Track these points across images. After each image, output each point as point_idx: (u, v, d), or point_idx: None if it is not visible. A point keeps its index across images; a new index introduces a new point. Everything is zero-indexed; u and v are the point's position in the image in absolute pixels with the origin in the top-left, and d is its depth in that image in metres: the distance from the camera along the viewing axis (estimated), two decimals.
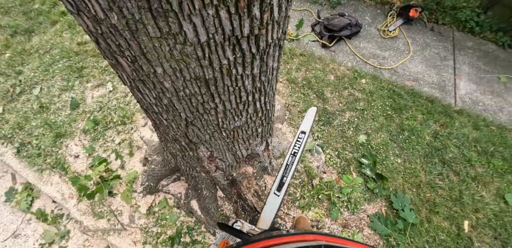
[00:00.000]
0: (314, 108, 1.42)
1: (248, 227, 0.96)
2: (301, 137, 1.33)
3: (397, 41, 3.20)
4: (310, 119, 1.39)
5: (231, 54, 0.58)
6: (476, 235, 1.89)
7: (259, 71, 0.70)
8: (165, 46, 0.53)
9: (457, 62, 3.12)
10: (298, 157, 1.29)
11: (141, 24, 0.48)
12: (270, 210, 1.21)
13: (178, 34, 0.50)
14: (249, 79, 0.70)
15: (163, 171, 1.55)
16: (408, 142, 2.24)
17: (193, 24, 0.47)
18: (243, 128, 0.98)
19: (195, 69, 0.61)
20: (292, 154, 1.30)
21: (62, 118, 2.16)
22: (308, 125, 1.36)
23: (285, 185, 1.25)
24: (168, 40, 0.52)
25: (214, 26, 0.49)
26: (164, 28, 0.48)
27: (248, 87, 0.74)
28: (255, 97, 0.82)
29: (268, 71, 0.73)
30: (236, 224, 0.92)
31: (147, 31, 0.49)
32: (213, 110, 0.80)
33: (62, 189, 1.85)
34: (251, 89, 0.76)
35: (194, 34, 0.50)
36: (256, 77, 0.71)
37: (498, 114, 2.75)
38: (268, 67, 0.71)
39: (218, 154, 1.15)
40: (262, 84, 0.76)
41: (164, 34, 0.50)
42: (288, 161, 1.29)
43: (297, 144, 1.31)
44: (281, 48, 0.70)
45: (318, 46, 2.97)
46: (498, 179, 2.20)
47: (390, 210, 1.82)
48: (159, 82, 0.65)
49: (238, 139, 1.05)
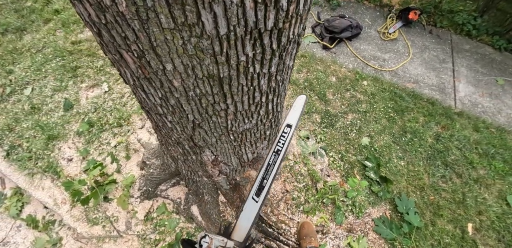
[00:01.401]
0: (303, 96, 1.17)
1: (218, 242, 0.86)
2: (286, 132, 1.09)
3: (396, 43, 3.21)
4: (298, 110, 1.14)
5: (251, 49, 0.53)
6: (480, 237, 1.87)
7: (276, 70, 0.65)
8: (178, 39, 0.48)
9: (455, 64, 3.15)
10: (281, 156, 1.07)
11: (153, 13, 0.42)
12: (247, 219, 1.04)
13: (195, 25, 0.44)
14: (265, 78, 0.65)
15: (162, 175, 1.48)
16: (410, 145, 2.22)
17: (213, 14, 0.42)
18: (252, 130, 0.93)
19: (209, 66, 0.56)
20: (275, 152, 1.08)
21: (55, 120, 2.06)
22: (295, 117, 1.12)
23: (265, 189, 1.06)
24: (182, 32, 0.46)
25: (237, 17, 0.44)
26: (180, 17, 0.43)
27: (263, 87, 0.69)
28: (269, 98, 0.77)
29: (284, 70, 0.69)
30: (204, 240, 0.82)
31: (159, 21, 0.44)
32: (223, 112, 0.75)
33: (55, 194, 1.75)
34: (266, 89, 0.71)
35: (213, 25, 0.45)
36: (273, 76, 0.66)
37: (497, 116, 2.76)
38: (285, 65, 0.66)
39: (223, 158, 1.10)
40: (277, 84, 0.72)
41: (178, 25, 0.45)
42: (270, 161, 1.08)
43: (281, 140, 1.09)
44: (299, 45, 0.66)
45: (319, 48, 2.95)
46: (500, 181, 2.20)
47: (394, 214, 1.78)
48: (167, 81, 0.60)
49: (246, 142, 1.00)
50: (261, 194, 1.05)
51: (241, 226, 1.05)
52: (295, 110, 1.14)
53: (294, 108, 1.15)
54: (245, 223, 1.04)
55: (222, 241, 0.88)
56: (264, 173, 1.09)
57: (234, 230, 1.05)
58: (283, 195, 1.60)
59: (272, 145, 1.12)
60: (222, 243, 0.88)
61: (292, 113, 1.14)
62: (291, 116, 1.13)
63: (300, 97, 1.18)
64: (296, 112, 1.14)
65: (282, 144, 1.09)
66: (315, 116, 2.16)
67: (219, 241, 0.87)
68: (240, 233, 1.04)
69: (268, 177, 1.08)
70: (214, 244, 0.83)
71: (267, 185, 1.06)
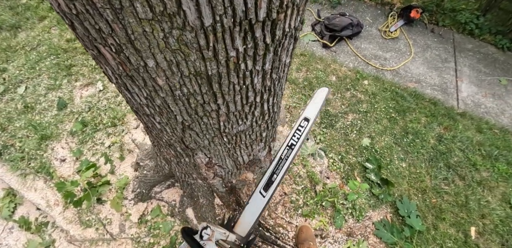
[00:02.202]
0: (325, 89, 1.10)
1: (219, 235, 0.83)
2: (303, 126, 1.04)
3: (398, 42, 3.15)
4: (319, 103, 1.07)
5: (241, 43, 0.47)
6: (483, 242, 1.82)
7: (271, 67, 0.60)
8: (158, 31, 0.43)
9: (458, 64, 3.09)
10: (295, 151, 1.01)
11: (127, 1, 0.37)
12: (252, 213, 0.99)
13: (176, 14, 0.39)
14: (259, 76, 0.60)
15: (156, 177, 1.43)
16: (412, 146, 2.16)
17: (195, 1, 0.37)
18: (247, 132, 0.88)
19: (195, 62, 0.50)
20: (289, 146, 1.03)
21: (48, 119, 2.01)
22: (314, 110, 1.05)
23: (274, 184, 1.00)
24: (162, 24, 0.41)
25: (223, 5, 0.38)
26: (158, 6, 0.38)
27: (257, 86, 0.63)
28: (264, 98, 0.71)
29: (280, 68, 0.64)
30: (205, 231, 0.79)
31: (135, 11, 0.39)
32: (215, 113, 0.70)
33: (47, 196, 1.71)
34: (260, 89, 0.66)
35: (196, 15, 0.39)
36: (267, 74, 0.61)
37: (500, 117, 2.71)
38: (281, 62, 0.61)
39: (217, 161, 1.05)
40: (272, 82, 0.66)
41: (157, 14, 0.39)
42: (282, 155, 1.03)
43: (296, 134, 1.03)
44: (296, 40, 0.60)
45: (319, 46, 2.89)
46: (503, 184, 2.15)
47: (396, 217, 1.73)
48: (150, 79, 0.55)
49: (241, 144, 0.95)
50: (269, 189, 1.01)
51: (244, 220, 1.00)
52: (315, 103, 1.08)
53: (314, 100, 1.10)
54: (249, 217, 1.00)
55: (224, 234, 0.84)
56: (275, 167, 1.03)
57: (237, 223, 1.01)
58: (281, 198, 1.55)
59: (285, 140, 1.06)
60: (223, 236, 0.84)
61: (311, 106, 1.08)
62: (310, 110, 1.07)
63: (322, 89, 1.12)
64: (316, 105, 1.07)
65: (297, 139, 1.03)
66: None
67: (221, 234, 0.83)
68: (243, 227, 0.99)
69: (278, 172, 1.02)
70: (215, 237, 0.79)
71: (276, 180, 1.01)
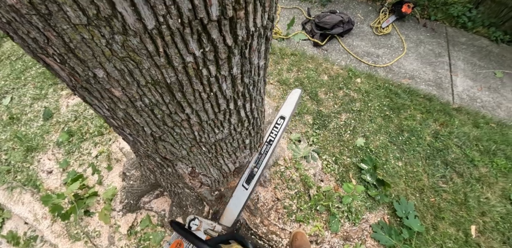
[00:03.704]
0: (298, 90, 1.26)
1: (207, 225, 0.88)
2: (280, 123, 1.18)
3: (390, 38, 3.11)
4: (293, 102, 1.23)
5: (197, 47, 0.42)
6: (484, 240, 1.77)
7: (240, 71, 0.55)
8: (99, 37, 0.38)
9: (452, 58, 3.05)
10: (273, 146, 1.14)
11: (53, 4, 0.32)
12: (236, 205, 1.08)
13: (113, 17, 0.34)
14: (228, 82, 0.55)
15: (143, 187, 1.38)
16: (408, 144, 2.12)
17: (130, 1, 0.32)
18: (226, 141, 0.83)
19: (150, 70, 0.46)
20: (267, 142, 1.15)
21: (34, 130, 1.96)
22: (289, 109, 1.20)
23: (255, 177, 1.11)
24: (101, 29, 0.36)
25: (164, 4, 0.34)
26: (90, 9, 0.33)
27: (227, 92, 0.58)
28: (238, 104, 0.66)
29: (253, 71, 0.59)
30: (193, 222, 0.84)
31: (67, 16, 0.34)
32: (186, 122, 0.65)
33: (35, 209, 1.65)
34: (232, 95, 0.61)
35: (135, 17, 0.35)
36: (237, 79, 0.56)
37: (496, 110, 2.67)
38: (252, 65, 0.56)
39: (200, 170, 1.00)
40: (245, 87, 0.61)
41: (92, 19, 0.35)
42: (261, 150, 1.14)
43: (274, 130, 1.17)
44: (268, 40, 0.55)
45: (310, 45, 2.85)
46: (503, 179, 2.10)
47: (393, 218, 1.69)
48: (105, 90, 0.50)
49: (223, 153, 0.90)
50: (251, 182, 1.10)
51: (229, 212, 1.09)
52: (289, 103, 1.22)
53: (288, 100, 1.24)
54: (234, 209, 1.08)
55: (211, 224, 0.90)
56: (255, 162, 1.14)
57: (223, 215, 1.09)
58: (274, 204, 1.50)
59: (264, 136, 1.16)
60: (211, 226, 0.89)
61: (286, 106, 1.22)
62: (285, 109, 1.21)
63: (295, 91, 1.26)
64: (290, 105, 1.22)
65: (275, 135, 1.16)
66: (307, 117, 2.06)
67: (208, 224, 0.88)
68: (228, 219, 1.08)
69: (259, 166, 1.12)
70: (203, 227, 0.84)
71: (257, 174, 1.11)
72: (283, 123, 1.18)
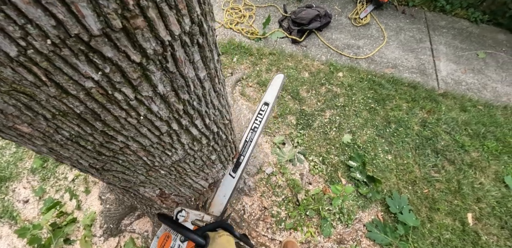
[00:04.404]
0: (280, 75, 1.28)
1: (194, 216, 0.87)
2: (264, 110, 1.20)
3: (370, 28, 3.06)
4: (276, 88, 1.25)
5: (92, 69, 0.36)
6: (482, 227, 1.75)
7: (172, 88, 0.49)
8: None
9: (433, 43, 3.02)
10: (258, 133, 1.17)
11: None
12: (224, 194, 1.10)
13: None
14: (158, 103, 0.49)
15: (120, 210, 1.32)
16: (396, 135, 2.08)
17: None
18: (186, 160, 0.77)
19: (50, 102, 0.39)
20: (252, 129, 1.17)
21: (7, 158, 1.87)
22: (272, 95, 1.23)
23: (241, 165, 1.13)
24: None
25: (16, 24, 0.27)
26: None
27: (162, 114, 0.52)
28: (184, 124, 0.61)
29: (192, 85, 0.53)
30: (180, 214, 0.84)
31: None
32: (127, 149, 0.59)
33: (14, 242, 1.58)
34: (170, 115, 0.55)
35: None
36: (170, 97, 0.50)
37: (482, 92, 2.65)
38: (187, 79, 0.50)
39: (170, 191, 0.94)
40: (187, 104, 0.56)
41: None
42: (246, 138, 1.17)
43: (258, 118, 1.20)
44: (202, 48, 0.49)
45: (288, 43, 2.79)
46: (495, 162, 2.08)
47: (387, 215, 1.65)
48: (10, 128, 0.44)
49: (187, 173, 0.84)
50: (237, 170, 1.12)
51: (217, 201, 1.10)
52: (272, 89, 1.25)
53: (271, 87, 1.26)
54: (222, 198, 1.09)
55: (199, 215, 0.89)
56: (241, 150, 1.15)
57: (211, 205, 1.10)
58: (261, 213, 1.45)
59: (249, 124, 1.20)
60: (199, 217, 0.89)
61: (269, 92, 1.24)
62: (269, 95, 1.24)
63: (277, 76, 1.29)
64: (274, 90, 1.24)
65: (259, 122, 1.19)
66: (290, 118, 2.01)
67: (196, 215, 0.88)
68: (217, 208, 1.09)
69: (245, 153, 1.14)
70: (190, 218, 0.83)
71: (243, 161, 1.13)
72: (267, 109, 1.20)
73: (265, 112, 1.21)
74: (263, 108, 1.22)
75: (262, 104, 1.23)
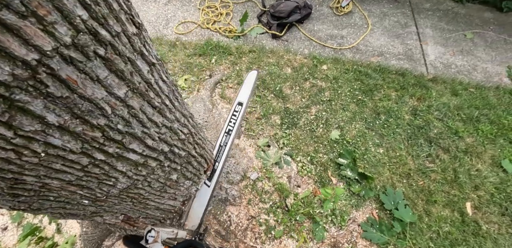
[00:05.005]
0: (254, 72, 1.25)
1: (165, 235, 0.83)
2: (238, 110, 1.17)
3: (352, 16, 2.96)
4: (249, 86, 1.22)
5: None
6: (482, 216, 1.69)
7: (72, 116, 0.40)
8: None
9: (419, 26, 2.92)
10: (233, 135, 1.12)
11: None
12: (200, 205, 1.04)
13: None
14: (56, 135, 0.40)
15: (97, 233, 1.25)
16: (387, 127, 2.00)
17: None
18: (138, 186, 0.69)
19: None
20: (226, 132, 1.13)
21: None
22: (246, 94, 1.19)
23: (217, 172, 1.07)
24: None
25: None
26: None
27: (69, 146, 0.44)
28: (112, 152, 0.52)
29: (109, 107, 0.44)
30: (149, 234, 0.79)
31: None
32: (51, 186, 0.51)
33: None
34: (85, 146, 0.46)
35: None
36: (73, 126, 0.41)
37: (473, 73, 2.56)
38: (96, 101, 0.41)
39: (136, 215, 0.86)
40: (108, 130, 0.47)
41: None
42: (221, 142, 1.12)
43: (232, 119, 1.16)
44: (108, 60, 0.40)
45: (269, 38, 2.68)
46: (491, 146, 2.01)
47: (382, 212, 1.58)
48: None
49: (146, 197, 0.76)
50: (213, 178, 1.07)
51: (194, 213, 1.05)
52: (246, 88, 1.21)
53: (246, 85, 1.22)
54: (198, 209, 1.04)
55: (171, 232, 0.86)
56: (216, 155, 1.10)
57: (188, 219, 1.05)
58: (249, 222, 1.37)
59: (223, 127, 1.14)
60: (171, 234, 0.86)
61: (243, 91, 1.20)
62: (242, 94, 1.20)
63: (251, 73, 1.26)
64: (247, 89, 1.20)
65: (234, 123, 1.14)
66: (274, 118, 1.92)
67: (167, 233, 0.84)
68: (193, 221, 1.05)
69: (219, 159, 1.10)
70: (161, 237, 0.80)
71: (218, 168, 1.08)
72: (241, 109, 1.16)
73: (239, 112, 1.17)
74: (237, 108, 1.18)
75: (235, 104, 1.19)
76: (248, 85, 1.22)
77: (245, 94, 1.20)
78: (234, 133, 1.13)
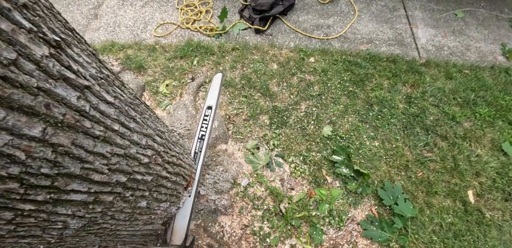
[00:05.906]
0: (219, 75, 1.28)
1: None
2: (208, 114, 1.18)
3: (338, 3, 2.83)
4: (216, 88, 1.24)
5: None
6: (485, 203, 1.64)
7: None
8: None
9: (408, 9, 2.80)
10: (206, 141, 1.12)
11: None
12: (183, 217, 1.02)
13: None
14: None
15: None
16: (381, 118, 1.93)
17: None
18: (98, 222, 0.62)
19: None
20: (200, 138, 1.14)
21: None
22: (214, 97, 1.21)
23: (195, 181, 1.06)
24: None
25: None
26: None
27: None
28: (43, 199, 0.45)
29: None
30: None
31: None
32: None
33: None
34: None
35: None
36: None
37: (466, 54, 2.47)
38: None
39: (111, 244, 0.80)
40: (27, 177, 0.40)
41: None
42: (196, 148, 1.12)
43: (203, 124, 1.16)
44: (2, 98, 0.33)
45: (252, 34, 2.57)
46: (490, 129, 1.94)
47: (382, 208, 1.53)
48: None
49: (114, 229, 0.70)
50: (192, 187, 1.04)
51: (178, 227, 1.02)
52: (213, 90, 1.23)
53: (212, 88, 1.23)
54: (182, 222, 1.02)
55: None
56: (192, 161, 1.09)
57: (173, 234, 1.02)
58: (242, 232, 1.33)
59: (196, 132, 1.15)
60: None
61: (211, 94, 1.21)
62: (210, 97, 1.21)
63: (216, 76, 1.28)
64: (214, 92, 1.22)
65: (206, 128, 1.15)
66: (262, 118, 1.84)
67: None
68: (179, 235, 1.02)
69: (196, 166, 1.08)
70: None
71: (196, 175, 1.06)
72: (211, 113, 1.18)
73: (210, 116, 1.17)
74: (207, 112, 1.19)
75: (205, 108, 1.19)
76: (214, 87, 1.22)
77: (213, 97, 1.21)
78: (208, 137, 1.13)
